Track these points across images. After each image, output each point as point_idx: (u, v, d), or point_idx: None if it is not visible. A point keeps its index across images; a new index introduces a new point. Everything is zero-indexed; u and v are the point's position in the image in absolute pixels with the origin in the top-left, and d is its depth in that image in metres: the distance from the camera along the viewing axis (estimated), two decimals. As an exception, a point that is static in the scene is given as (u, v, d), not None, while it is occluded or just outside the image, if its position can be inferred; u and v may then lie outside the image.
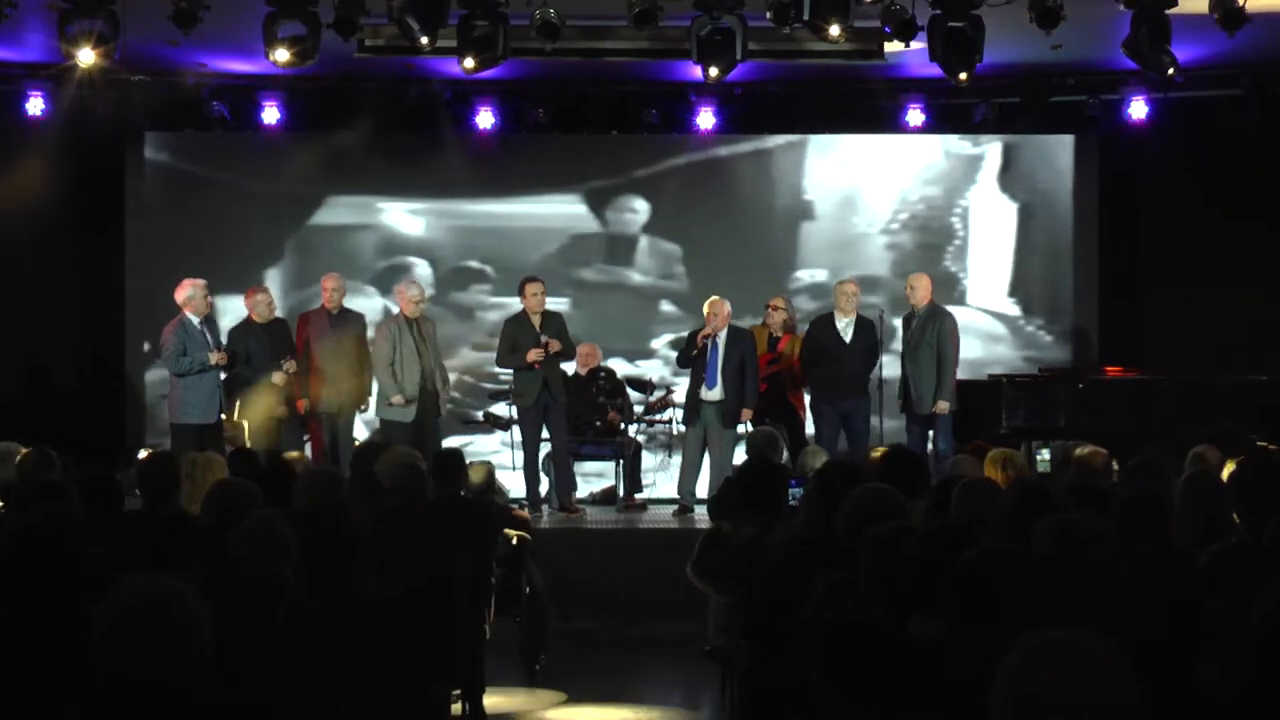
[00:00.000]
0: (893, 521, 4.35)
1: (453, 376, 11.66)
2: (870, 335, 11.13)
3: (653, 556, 9.64)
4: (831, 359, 11.06)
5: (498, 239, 13.21)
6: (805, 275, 13.10)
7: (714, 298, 11.10)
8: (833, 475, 5.99)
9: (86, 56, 9.33)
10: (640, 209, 13.26)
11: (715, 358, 10.96)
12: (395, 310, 11.40)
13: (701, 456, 11.09)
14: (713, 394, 10.98)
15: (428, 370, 10.88)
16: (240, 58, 11.07)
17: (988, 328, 13.17)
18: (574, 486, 11.27)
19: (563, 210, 13.26)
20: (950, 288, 12.52)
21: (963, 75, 9.88)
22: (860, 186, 13.27)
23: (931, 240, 13.18)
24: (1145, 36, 9.53)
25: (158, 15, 9.26)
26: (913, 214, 13.26)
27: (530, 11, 9.53)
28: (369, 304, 12.67)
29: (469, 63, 9.65)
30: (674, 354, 12.04)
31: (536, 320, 10.95)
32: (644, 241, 13.23)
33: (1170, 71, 9.87)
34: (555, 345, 10.85)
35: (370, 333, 11.38)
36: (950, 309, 11.45)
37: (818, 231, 13.24)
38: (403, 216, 13.29)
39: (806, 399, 11.54)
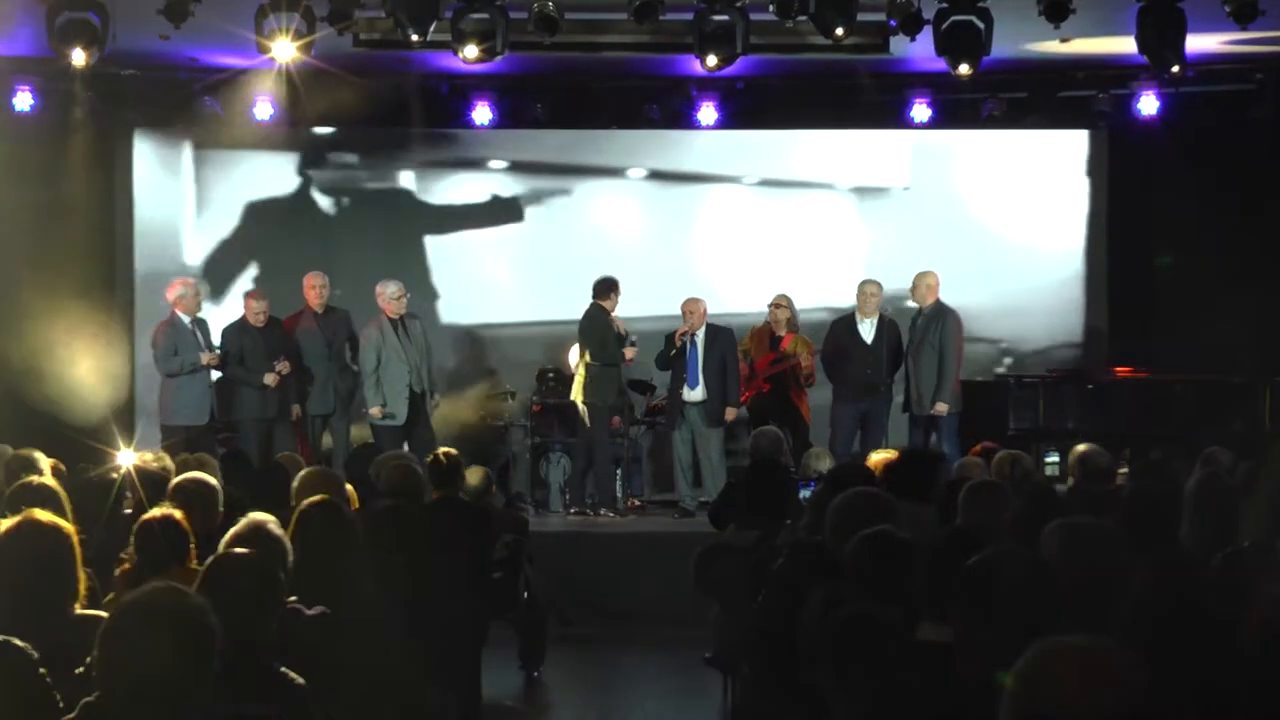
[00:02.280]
0: (880, 526, 4.31)
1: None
2: (895, 336, 11.01)
3: (653, 560, 9.56)
4: (853, 360, 10.94)
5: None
6: (808, 274, 12.93)
7: (690, 296, 11.07)
8: (842, 478, 5.88)
9: (78, 57, 9.27)
10: (638, 204, 13.07)
11: (695, 357, 10.95)
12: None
13: (692, 458, 11.04)
14: (695, 394, 11.00)
15: (415, 371, 10.76)
16: (232, 52, 10.95)
17: (994, 326, 13.02)
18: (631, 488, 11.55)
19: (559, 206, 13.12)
20: (954, 286, 12.32)
21: (963, 68, 9.77)
22: (864, 183, 13.09)
23: (936, 237, 13.02)
24: (1151, 30, 9.43)
25: (148, 9, 9.16)
26: (918, 211, 13.09)
27: (529, 5, 9.42)
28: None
29: (470, 51, 9.52)
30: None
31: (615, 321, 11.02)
32: (640, 239, 13.04)
33: (1175, 69, 9.76)
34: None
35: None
36: (955, 308, 11.30)
37: (820, 229, 13.08)
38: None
39: (809, 400, 11.42)
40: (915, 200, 13.10)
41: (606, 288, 11.08)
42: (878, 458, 7.32)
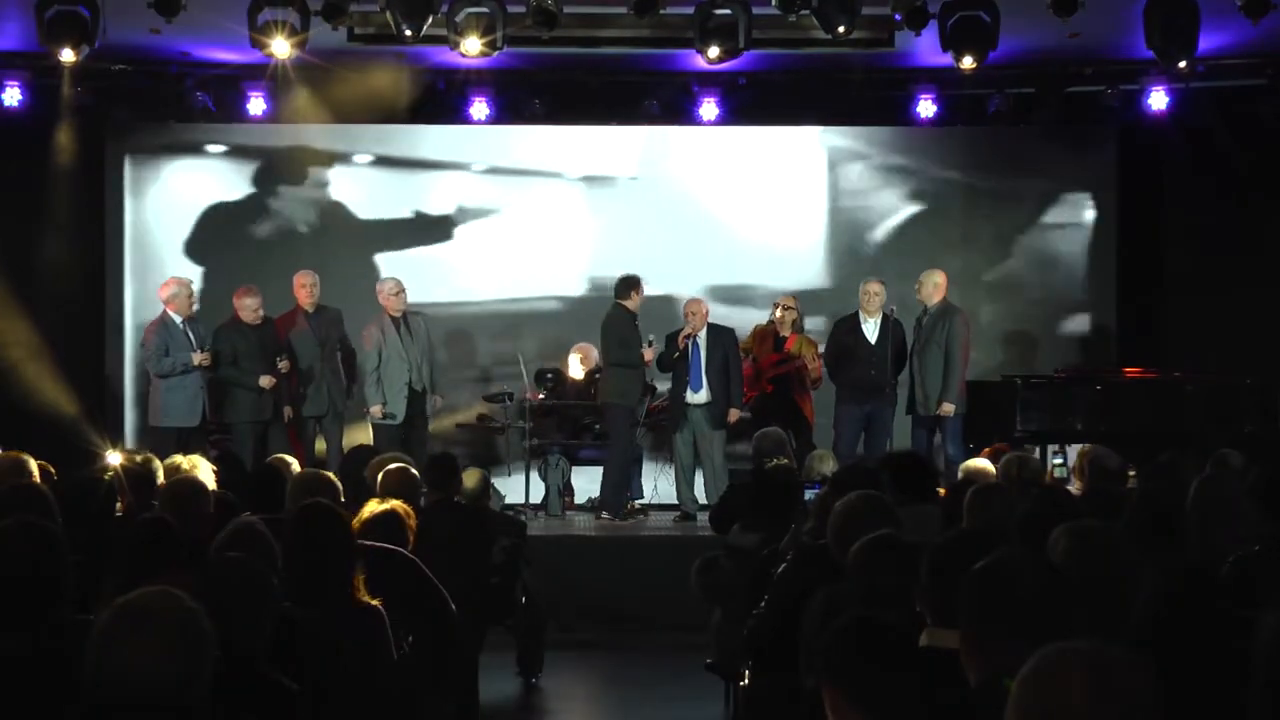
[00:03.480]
0: (880, 530, 4.28)
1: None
2: (899, 336, 10.89)
3: (654, 565, 9.49)
4: (855, 361, 10.83)
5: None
6: (811, 273, 12.81)
7: (692, 297, 10.99)
8: (846, 481, 5.78)
9: (67, 55, 9.26)
10: (637, 202, 12.95)
11: (698, 359, 10.87)
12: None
13: (694, 461, 10.96)
14: (699, 396, 10.93)
15: (415, 369, 10.67)
16: (224, 47, 10.88)
17: (1001, 326, 12.90)
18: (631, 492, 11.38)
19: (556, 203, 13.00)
20: (960, 284, 12.22)
21: (967, 60, 9.68)
22: (865, 180, 12.97)
23: (942, 235, 12.90)
24: (1157, 26, 9.35)
25: (138, 2, 9.10)
26: (921, 208, 12.97)
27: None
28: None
29: (471, 45, 9.42)
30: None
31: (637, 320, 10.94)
32: (639, 237, 12.93)
33: (1182, 65, 9.67)
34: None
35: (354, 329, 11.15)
36: (961, 307, 11.19)
37: (822, 226, 12.95)
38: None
39: (814, 401, 11.31)
40: (642, 191, 12.93)
41: (627, 286, 10.98)
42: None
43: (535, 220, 12.84)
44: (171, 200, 12.77)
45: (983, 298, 12.84)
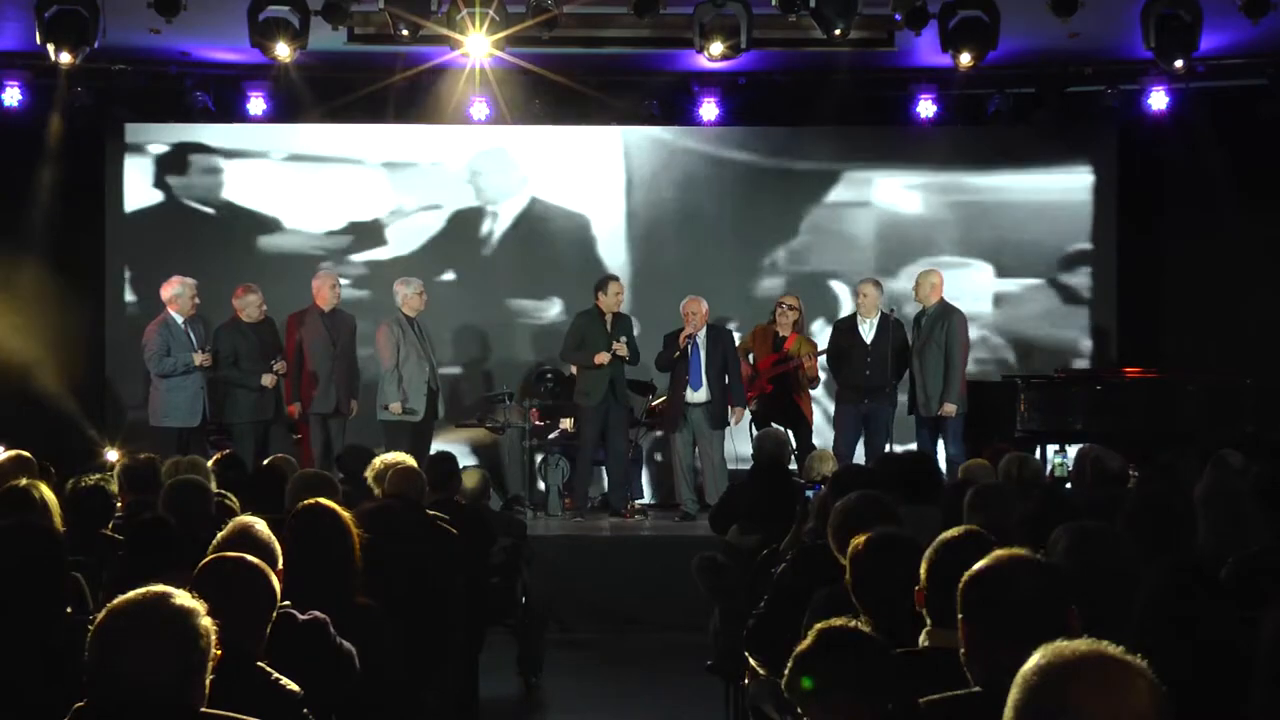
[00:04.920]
0: (883, 529, 4.24)
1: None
2: (899, 337, 10.87)
3: (654, 565, 9.46)
4: (852, 361, 10.82)
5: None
6: (813, 273, 12.80)
7: (690, 296, 10.94)
8: (846, 481, 5.78)
9: (66, 57, 9.29)
10: (637, 202, 12.94)
11: (698, 359, 10.82)
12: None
13: (694, 461, 10.92)
14: (699, 395, 10.90)
15: (433, 369, 10.73)
16: (225, 47, 10.88)
17: (1001, 326, 12.90)
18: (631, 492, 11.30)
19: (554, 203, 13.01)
20: (960, 285, 12.21)
21: (965, 58, 9.66)
22: (866, 179, 12.96)
23: (943, 235, 12.89)
24: (1153, 25, 9.36)
25: (139, 2, 9.10)
26: (922, 207, 12.96)
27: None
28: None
29: (476, 46, 9.43)
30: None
31: (609, 319, 10.84)
32: (639, 238, 12.92)
33: (1179, 65, 9.65)
34: (623, 350, 10.78)
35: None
36: (961, 307, 11.17)
37: (824, 226, 12.95)
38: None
39: (814, 401, 11.31)
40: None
41: (595, 286, 10.96)
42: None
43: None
44: (171, 200, 12.76)
45: (981, 297, 12.84)
